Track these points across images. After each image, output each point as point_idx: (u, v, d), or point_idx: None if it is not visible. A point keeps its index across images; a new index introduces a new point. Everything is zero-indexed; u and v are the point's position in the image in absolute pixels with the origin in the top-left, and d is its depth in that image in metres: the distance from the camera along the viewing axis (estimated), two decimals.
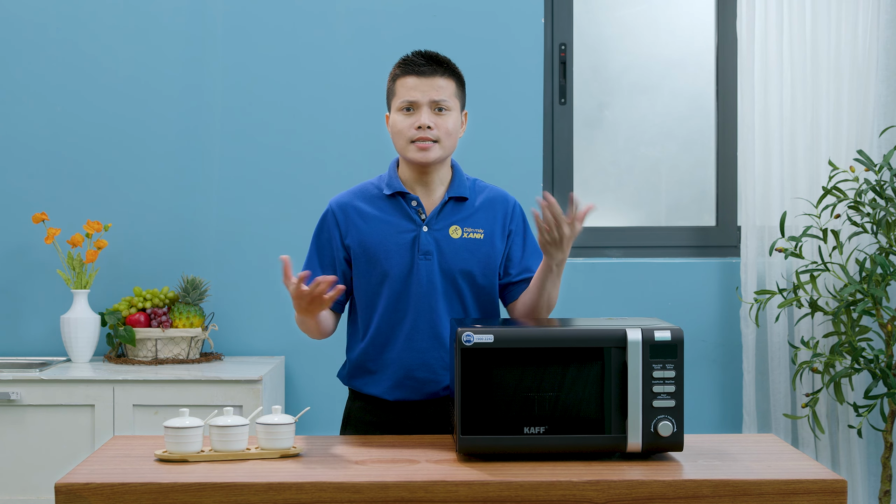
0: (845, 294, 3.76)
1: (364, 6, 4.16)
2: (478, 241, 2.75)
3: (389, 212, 2.75)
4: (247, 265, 4.15)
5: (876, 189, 3.80)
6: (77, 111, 4.14)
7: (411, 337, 2.73)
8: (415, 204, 2.74)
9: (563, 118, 4.26)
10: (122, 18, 4.14)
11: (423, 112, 2.68)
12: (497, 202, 2.79)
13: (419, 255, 2.71)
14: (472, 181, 2.80)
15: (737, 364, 4.18)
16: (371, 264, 2.73)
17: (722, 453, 2.47)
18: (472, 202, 2.77)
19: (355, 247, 2.74)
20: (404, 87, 2.70)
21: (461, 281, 2.74)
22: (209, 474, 2.29)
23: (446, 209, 2.74)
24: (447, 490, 2.24)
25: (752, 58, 4.09)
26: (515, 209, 2.81)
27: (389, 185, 2.76)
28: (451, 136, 2.71)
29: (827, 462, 4.09)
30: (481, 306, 2.77)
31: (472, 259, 2.74)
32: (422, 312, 2.72)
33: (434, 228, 2.73)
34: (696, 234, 4.29)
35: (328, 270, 2.77)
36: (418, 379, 2.74)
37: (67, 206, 4.13)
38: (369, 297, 2.75)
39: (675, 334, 2.40)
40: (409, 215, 2.74)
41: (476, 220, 2.76)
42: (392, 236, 2.73)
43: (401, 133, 2.70)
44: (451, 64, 2.74)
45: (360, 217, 2.75)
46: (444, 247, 2.72)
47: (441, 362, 2.74)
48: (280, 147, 4.16)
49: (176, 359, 3.97)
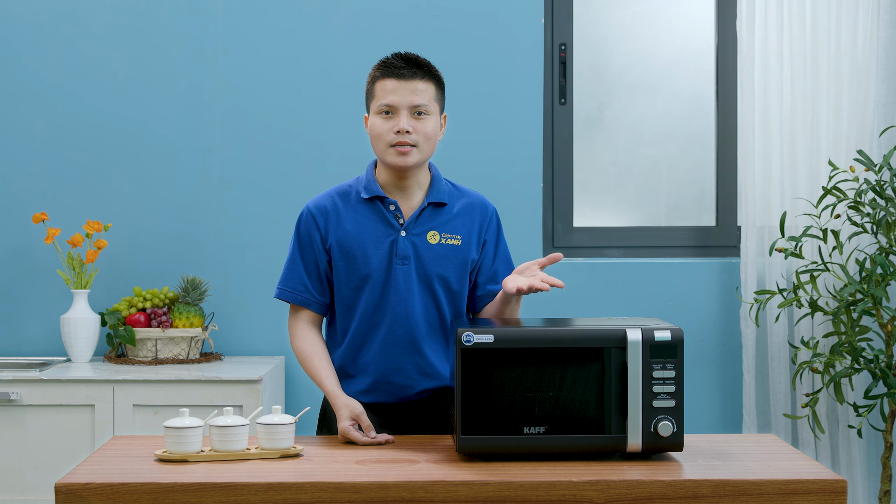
0: (845, 294, 3.76)
1: (364, 6, 4.16)
2: (455, 247, 2.72)
3: (367, 215, 2.72)
4: (247, 265, 4.15)
5: (876, 189, 3.81)
6: (77, 111, 4.15)
7: (388, 342, 2.71)
8: (393, 208, 2.71)
9: (563, 118, 4.26)
10: (121, 18, 4.14)
11: (402, 116, 2.65)
12: (476, 209, 2.77)
13: (397, 259, 2.69)
14: (450, 185, 2.78)
15: (737, 364, 4.18)
16: (350, 268, 2.71)
17: (722, 453, 2.47)
18: (451, 207, 2.74)
19: (335, 250, 2.72)
20: (383, 90, 2.66)
21: (437, 286, 2.72)
22: (209, 474, 2.29)
23: (424, 214, 2.72)
24: (447, 490, 2.24)
25: (752, 58, 4.09)
26: (493, 218, 2.79)
27: (367, 188, 2.72)
28: (429, 141, 2.67)
29: (827, 462, 4.09)
30: (454, 312, 2.76)
31: (448, 265, 2.72)
32: (398, 317, 2.70)
33: (412, 233, 2.70)
34: (696, 234, 4.29)
35: (313, 275, 2.74)
36: (392, 383, 2.72)
37: (67, 206, 4.13)
38: (347, 302, 2.73)
39: (675, 334, 2.40)
40: (387, 219, 2.71)
41: (454, 226, 2.74)
42: (371, 240, 2.70)
43: (379, 137, 2.67)
44: (431, 67, 2.70)
45: (338, 220, 2.72)
46: (421, 252, 2.70)
47: (416, 367, 2.73)
48: (280, 147, 4.16)
49: (176, 359, 3.97)
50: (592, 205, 4.34)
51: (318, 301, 2.76)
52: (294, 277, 2.75)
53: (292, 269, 2.76)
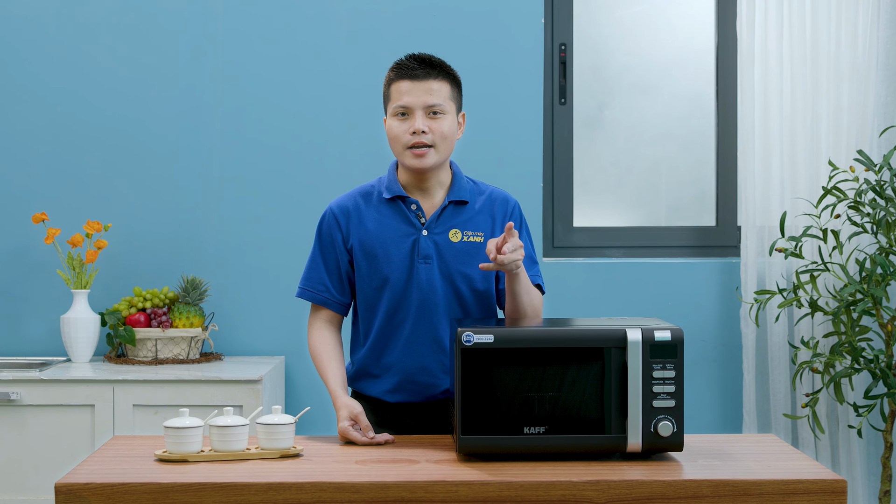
0: (845, 294, 3.76)
1: (364, 6, 4.16)
2: (478, 245, 2.72)
3: (389, 215, 2.72)
4: (247, 265, 4.15)
5: (876, 189, 3.81)
6: (77, 111, 4.15)
7: (411, 341, 2.72)
8: (414, 208, 2.72)
9: (563, 118, 4.26)
10: (121, 18, 4.14)
11: (417, 117, 2.65)
12: (497, 204, 2.77)
13: (419, 259, 2.70)
14: (471, 183, 2.78)
15: (737, 364, 4.18)
16: (372, 268, 2.72)
17: (722, 453, 2.47)
18: (473, 205, 2.75)
19: (357, 250, 2.73)
20: (398, 92, 2.66)
21: (461, 285, 2.72)
22: (209, 474, 2.29)
23: (446, 213, 2.72)
24: (447, 490, 2.24)
25: (752, 58, 4.09)
26: (514, 210, 2.78)
27: (389, 188, 2.73)
28: (446, 140, 2.67)
29: (827, 462, 4.09)
30: (482, 310, 2.76)
31: (471, 262, 2.72)
32: (422, 316, 2.71)
33: (434, 232, 2.71)
34: (696, 234, 4.29)
35: (333, 274, 2.76)
36: (418, 382, 2.73)
37: (67, 206, 4.13)
38: (370, 302, 2.74)
39: (675, 334, 2.40)
40: (408, 219, 2.72)
41: (476, 223, 2.74)
42: (392, 240, 2.71)
43: (396, 139, 2.67)
44: (446, 66, 2.70)
45: (360, 220, 2.73)
46: (444, 251, 2.70)
47: (441, 366, 2.73)
48: (280, 147, 4.16)
49: (176, 359, 3.97)
50: (592, 205, 4.34)
51: (337, 301, 2.77)
52: (314, 277, 2.77)
53: (313, 268, 2.78)
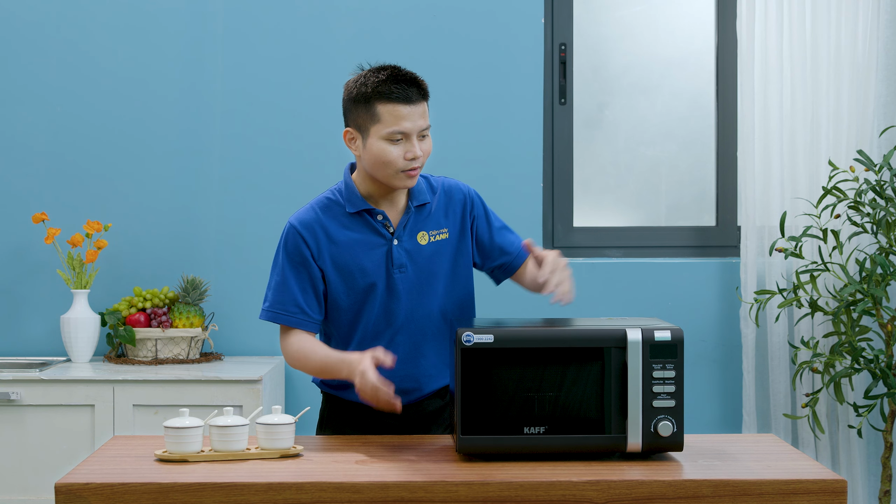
0: (845, 294, 3.76)
1: (364, 6, 4.16)
2: (444, 242, 2.70)
3: (357, 229, 2.67)
4: (247, 265, 4.15)
5: (876, 189, 3.81)
6: (77, 111, 4.15)
7: (393, 350, 2.64)
8: (381, 218, 2.67)
9: (563, 118, 4.26)
10: (121, 19, 4.14)
11: (413, 142, 2.60)
12: (453, 196, 2.74)
13: (394, 268, 2.66)
14: (426, 182, 2.74)
15: (737, 364, 4.18)
16: (348, 283, 2.66)
17: (722, 453, 2.47)
18: (431, 204, 2.71)
19: (329, 266, 2.66)
20: (393, 116, 2.58)
21: (436, 284, 2.70)
22: (209, 474, 2.29)
23: (412, 219, 2.69)
24: (447, 490, 2.24)
25: (752, 58, 4.09)
26: (471, 197, 2.75)
27: (351, 202, 2.67)
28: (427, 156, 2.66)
29: (827, 462, 4.09)
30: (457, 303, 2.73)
31: (442, 261, 2.70)
32: (402, 325, 2.68)
33: (403, 240, 2.67)
34: (696, 234, 4.29)
35: (308, 293, 2.66)
36: (400, 389, 2.69)
37: (67, 206, 4.13)
38: (348, 315, 2.69)
39: (675, 334, 2.40)
40: (377, 230, 2.67)
41: (438, 222, 2.71)
42: (365, 253, 2.66)
43: (391, 163, 2.59)
44: (424, 83, 2.65)
45: (327, 236, 2.67)
46: (416, 257, 2.68)
47: (422, 371, 2.72)
48: (280, 147, 4.16)
49: (176, 359, 3.97)
50: (592, 205, 4.34)
51: (313, 321, 2.68)
52: (287, 299, 2.66)
53: (283, 290, 2.67)
